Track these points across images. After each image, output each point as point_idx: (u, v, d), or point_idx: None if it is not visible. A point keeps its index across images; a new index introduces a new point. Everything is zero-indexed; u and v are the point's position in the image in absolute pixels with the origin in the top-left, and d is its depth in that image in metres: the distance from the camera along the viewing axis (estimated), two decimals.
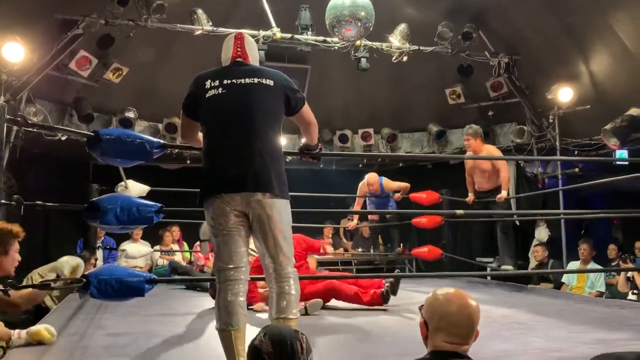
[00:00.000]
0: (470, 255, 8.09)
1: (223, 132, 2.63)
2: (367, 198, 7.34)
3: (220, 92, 2.64)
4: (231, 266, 2.55)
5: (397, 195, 7.13)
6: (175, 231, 7.43)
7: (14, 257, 3.12)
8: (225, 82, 2.66)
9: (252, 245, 2.84)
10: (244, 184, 2.53)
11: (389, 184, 7.12)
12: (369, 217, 7.72)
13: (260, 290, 4.50)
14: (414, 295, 5.40)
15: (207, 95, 2.65)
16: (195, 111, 2.73)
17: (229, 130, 2.61)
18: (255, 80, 2.66)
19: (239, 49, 2.79)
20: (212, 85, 2.66)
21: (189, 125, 2.83)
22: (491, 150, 6.28)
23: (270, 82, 2.68)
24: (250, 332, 2.53)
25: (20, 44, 5.74)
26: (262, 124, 2.62)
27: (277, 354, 1.67)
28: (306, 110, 2.84)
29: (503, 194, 5.95)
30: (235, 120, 2.61)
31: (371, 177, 7.05)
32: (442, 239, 7.38)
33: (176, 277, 6.35)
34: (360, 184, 7.22)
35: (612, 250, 6.61)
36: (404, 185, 7.10)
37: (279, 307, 2.54)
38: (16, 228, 3.13)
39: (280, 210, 2.59)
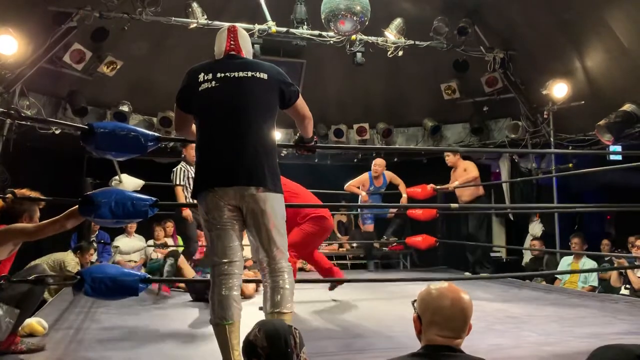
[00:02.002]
0: (463, 249, 8.13)
1: (216, 126, 2.61)
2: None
3: (213, 85, 2.62)
4: (225, 260, 2.55)
5: (403, 198, 7.17)
6: (170, 226, 7.42)
7: (37, 223, 3.25)
8: (218, 75, 2.64)
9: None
10: (238, 178, 2.52)
11: (391, 174, 7.35)
12: (364, 228, 7.74)
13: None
14: (407, 288, 5.42)
15: (200, 89, 2.64)
16: (189, 104, 2.72)
17: (222, 124, 2.59)
18: (249, 73, 2.65)
19: (232, 42, 2.77)
20: (205, 78, 2.64)
21: (182, 118, 2.82)
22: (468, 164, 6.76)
23: (264, 76, 2.66)
24: (245, 329, 2.54)
25: (14, 37, 5.70)
26: (255, 117, 2.61)
27: (272, 348, 1.70)
28: (301, 103, 2.82)
29: (456, 183, 6.67)
30: (229, 113, 2.59)
31: (379, 159, 7.35)
32: (436, 233, 7.41)
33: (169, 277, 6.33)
34: (361, 176, 7.37)
35: (604, 245, 6.65)
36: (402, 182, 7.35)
37: (274, 301, 2.54)
38: (38, 195, 3.31)
39: (274, 205, 2.59)
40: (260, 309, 2.72)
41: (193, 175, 5.49)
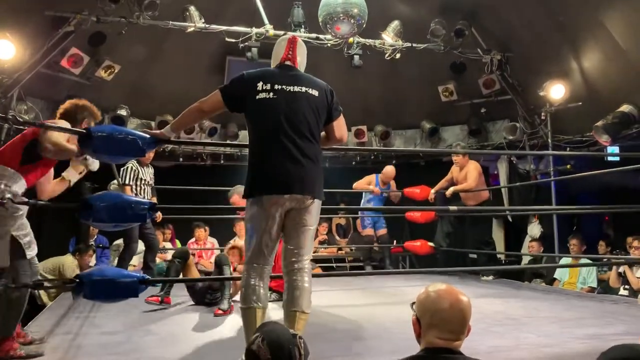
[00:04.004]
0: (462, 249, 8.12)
1: (274, 137, 2.76)
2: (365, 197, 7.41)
3: (271, 96, 2.79)
4: (259, 262, 2.75)
5: (395, 194, 7.19)
6: (168, 232, 7.41)
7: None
8: (276, 87, 2.81)
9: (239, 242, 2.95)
10: (293, 188, 2.72)
11: (394, 185, 7.38)
12: (364, 233, 7.72)
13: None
14: (406, 290, 5.42)
15: (257, 97, 2.79)
16: (237, 103, 2.86)
17: (280, 136, 2.75)
18: (303, 89, 2.85)
19: (290, 52, 2.98)
20: (264, 87, 2.80)
21: (217, 106, 2.90)
22: (471, 170, 6.67)
23: (316, 92, 2.88)
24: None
25: (11, 42, 5.70)
26: (308, 131, 2.80)
27: None
28: (337, 123, 3.02)
29: (450, 189, 6.64)
30: (286, 126, 2.76)
31: (390, 168, 7.34)
32: (435, 234, 7.39)
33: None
34: (368, 176, 7.39)
35: (601, 246, 6.64)
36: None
37: (293, 297, 2.70)
38: (95, 109, 3.31)
39: (317, 210, 2.85)
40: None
41: (142, 177, 5.54)
